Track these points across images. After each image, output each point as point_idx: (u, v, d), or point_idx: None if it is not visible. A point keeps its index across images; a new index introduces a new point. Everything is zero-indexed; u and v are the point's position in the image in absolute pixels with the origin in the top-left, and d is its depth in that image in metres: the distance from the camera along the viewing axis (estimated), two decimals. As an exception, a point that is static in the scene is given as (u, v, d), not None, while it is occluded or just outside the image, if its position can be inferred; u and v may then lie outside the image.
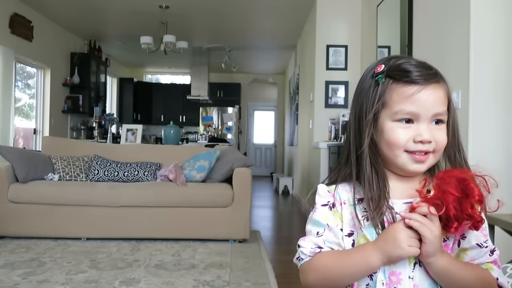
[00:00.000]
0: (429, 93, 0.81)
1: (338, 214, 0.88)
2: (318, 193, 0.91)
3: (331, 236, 0.87)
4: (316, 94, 5.17)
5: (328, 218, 0.88)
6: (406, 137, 0.81)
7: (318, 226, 0.88)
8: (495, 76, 2.30)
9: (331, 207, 0.89)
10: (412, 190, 0.84)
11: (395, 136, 0.82)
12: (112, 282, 2.55)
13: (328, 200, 0.89)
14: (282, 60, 9.60)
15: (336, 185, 0.89)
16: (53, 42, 6.99)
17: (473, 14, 2.31)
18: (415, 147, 0.81)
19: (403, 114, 0.81)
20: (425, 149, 0.81)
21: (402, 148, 0.81)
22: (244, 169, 3.80)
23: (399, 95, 0.81)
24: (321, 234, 0.87)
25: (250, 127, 11.90)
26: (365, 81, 0.87)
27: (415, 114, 0.81)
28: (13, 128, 5.76)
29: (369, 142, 0.84)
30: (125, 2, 6.00)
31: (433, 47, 2.84)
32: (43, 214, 3.59)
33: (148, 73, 11.88)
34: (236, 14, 6.41)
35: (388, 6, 3.87)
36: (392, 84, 0.82)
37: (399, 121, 0.82)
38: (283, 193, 7.79)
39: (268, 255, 3.28)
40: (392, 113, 0.82)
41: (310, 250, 0.87)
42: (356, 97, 0.89)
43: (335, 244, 0.87)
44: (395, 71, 0.83)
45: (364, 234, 0.85)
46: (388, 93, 0.82)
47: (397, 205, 0.85)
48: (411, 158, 0.82)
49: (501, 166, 2.26)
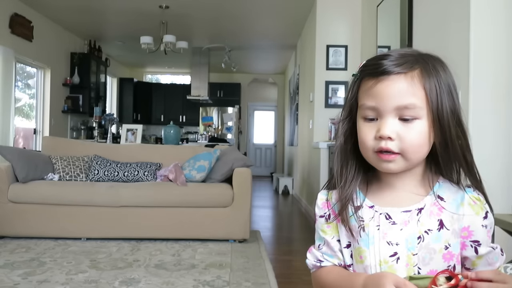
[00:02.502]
0: (387, 84, 0.75)
1: (334, 225, 0.87)
2: (316, 202, 0.90)
3: (328, 250, 0.87)
4: (316, 94, 5.17)
5: (324, 231, 0.87)
6: (370, 135, 0.78)
7: (319, 239, 0.89)
8: (495, 76, 2.29)
9: (327, 218, 0.87)
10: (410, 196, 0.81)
11: (362, 135, 0.80)
12: (112, 282, 2.55)
13: (325, 211, 0.88)
14: (282, 60, 9.60)
15: (334, 193, 0.87)
16: (53, 42, 6.99)
17: (473, 14, 2.30)
18: (377, 145, 0.77)
19: (365, 109, 0.79)
20: (387, 147, 0.76)
21: (369, 148, 0.79)
22: (244, 169, 3.80)
23: (362, 89, 0.80)
24: (321, 248, 0.88)
25: (250, 127, 11.90)
26: (351, 80, 0.87)
27: (376, 109, 0.77)
28: (13, 128, 5.76)
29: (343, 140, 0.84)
30: (125, 2, 5.99)
31: (433, 47, 2.83)
32: (43, 214, 3.59)
33: (148, 73, 11.87)
34: (236, 14, 6.41)
35: (388, 6, 3.87)
36: (362, 80, 0.81)
37: (365, 120, 0.79)
38: (283, 193, 7.78)
39: (268, 255, 3.29)
40: (360, 108, 0.81)
41: (313, 263, 0.89)
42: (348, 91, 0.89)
43: (334, 258, 0.87)
44: (365, 66, 0.81)
45: (360, 246, 0.82)
46: (359, 89, 0.81)
47: (395, 214, 0.81)
48: (377, 157, 0.78)
49: (501, 166, 2.26)
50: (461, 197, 0.82)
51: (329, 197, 0.88)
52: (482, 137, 2.28)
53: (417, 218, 0.80)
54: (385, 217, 0.81)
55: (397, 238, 0.80)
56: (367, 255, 0.81)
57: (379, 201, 0.83)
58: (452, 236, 0.80)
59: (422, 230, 0.80)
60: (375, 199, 0.84)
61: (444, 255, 0.80)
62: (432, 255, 0.79)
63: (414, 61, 0.77)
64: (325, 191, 0.90)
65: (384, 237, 0.80)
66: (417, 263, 0.79)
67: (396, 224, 0.80)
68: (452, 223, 0.80)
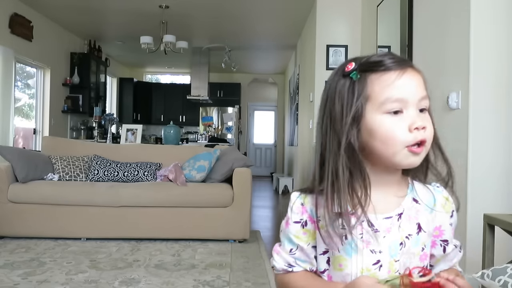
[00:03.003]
0: (410, 76, 0.76)
1: (311, 233, 0.83)
2: (290, 206, 0.86)
3: (302, 256, 0.85)
4: (316, 94, 5.17)
5: (299, 238, 0.84)
6: (402, 129, 0.75)
7: (291, 243, 0.85)
8: (495, 76, 2.29)
9: (304, 225, 0.84)
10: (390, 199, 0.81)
11: (390, 130, 0.75)
12: (112, 282, 2.55)
13: (301, 217, 0.84)
14: (282, 60, 9.60)
15: (314, 198, 0.82)
16: (53, 42, 6.99)
17: (473, 14, 2.30)
18: (413, 138, 0.75)
19: (392, 102, 0.75)
20: (423, 137, 0.75)
21: (401, 143, 0.75)
22: (244, 169, 3.80)
23: (381, 84, 0.76)
24: (293, 253, 0.85)
25: (250, 127, 11.90)
26: (335, 83, 0.80)
27: (403, 101, 0.75)
28: (13, 128, 5.76)
29: (346, 146, 0.77)
30: (125, 2, 6.00)
31: (433, 47, 2.84)
32: (43, 214, 3.59)
33: (148, 73, 11.88)
34: (236, 14, 6.41)
35: (388, 6, 3.87)
36: (371, 76, 0.77)
37: (387, 114, 0.75)
38: (283, 193, 7.78)
39: (268, 255, 3.28)
40: (379, 104, 0.76)
41: (283, 267, 0.86)
42: (324, 102, 0.82)
43: (307, 264, 0.85)
44: (368, 65, 0.78)
45: (341, 255, 0.80)
46: (369, 86, 0.77)
47: (377, 221, 0.79)
48: (409, 151, 0.75)
49: (501, 166, 2.26)
50: (433, 198, 0.84)
51: (304, 201, 0.84)
52: (482, 137, 2.28)
53: (398, 224, 0.80)
54: (367, 225, 0.79)
55: (380, 246, 0.79)
56: (348, 264, 0.79)
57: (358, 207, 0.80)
58: (427, 237, 0.82)
59: (403, 235, 0.80)
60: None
61: (420, 256, 0.82)
62: (411, 259, 0.81)
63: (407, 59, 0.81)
64: (298, 193, 0.86)
65: (367, 245, 0.79)
66: (398, 269, 0.79)
67: (379, 232, 0.79)
68: (428, 225, 0.82)
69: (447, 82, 2.50)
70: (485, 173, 2.26)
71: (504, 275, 1.39)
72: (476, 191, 2.25)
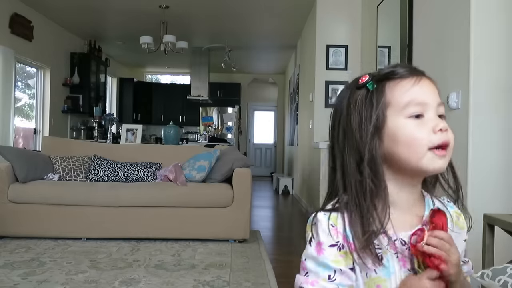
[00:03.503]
0: (427, 83, 0.78)
1: (348, 255, 0.77)
2: (321, 228, 0.78)
3: (344, 279, 0.77)
4: (316, 94, 5.17)
5: (338, 262, 0.77)
6: (425, 132, 0.75)
7: (327, 269, 0.77)
8: (495, 76, 2.29)
9: (340, 248, 0.77)
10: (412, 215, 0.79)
11: (414, 134, 0.75)
12: (112, 282, 2.55)
13: (337, 240, 0.77)
14: (282, 60, 9.60)
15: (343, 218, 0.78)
16: (53, 42, 6.99)
17: (473, 14, 2.30)
18: (438, 139, 0.74)
19: (414, 105, 0.75)
20: (448, 139, 0.75)
21: (426, 144, 0.74)
22: (244, 169, 3.80)
23: (401, 89, 0.77)
24: (333, 278, 0.76)
25: (250, 127, 11.90)
26: (348, 97, 0.80)
27: (425, 104, 0.76)
28: (13, 128, 5.76)
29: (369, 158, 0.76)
30: (125, 2, 6.00)
31: (433, 47, 2.84)
32: (43, 214, 3.59)
33: (148, 73, 11.88)
34: (236, 14, 6.41)
35: (388, 6, 3.87)
36: (389, 83, 0.78)
37: (410, 118, 0.75)
38: (283, 193, 7.79)
39: (268, 255, 3.28)
40: (400, 108, 0.76)
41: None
42: (337, 119, 0.82)
43: (348, 287, 0.77)
44: (382, 75, 0.79)
45: (378, 276, 0.76)
46: (388, 93, 0.77)
47: (407, 239, 0.77)
48: (435, 155, 0.74)
49: (501, 166, 2.26)
50: (449, 213, 0.83)
51: (335, 222, 0.78)
52: (482, 137, 2.28)
53: None
54: (401, 243, 0.77)
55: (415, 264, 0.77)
56: (388, 285, 0.76)
57: (390, 224, 0.78)
58: None
59: None
60: None
61: None
62: None
63: None
64: (324, 213, 0.80)
65: (404, 265, 0.77)
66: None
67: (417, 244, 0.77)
68: None
69: (447, 82, 2.50)
70: (485, 173, 2.26)
71: (504, 275, 1.39)
72: (476, 191, 2.25)
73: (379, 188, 0.76)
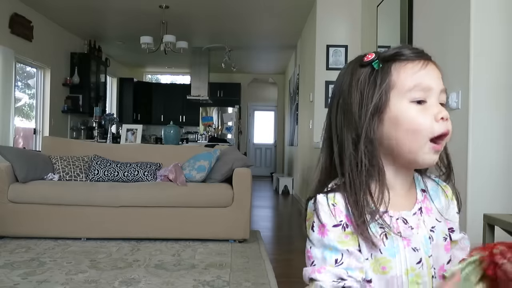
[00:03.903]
0: (433, 67, 0.76)
1: (353, 235, 0.74)
2: (322, 210, 0.75)
3: (353, 262, 0.72)
4: (316, 94, 5.17)
5: (344, 242, 0.73)
6: (428, 119, 0.73)
7: (334, 252, 0.73)
8: (495, 76, 2.29)
9: (345, 227, 0.74)
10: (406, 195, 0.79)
11: (417, 120, 0.73)
12: (112, 282, 2.55)
13: (340, 219, 0.74)
14: (282, 60, 9.60)
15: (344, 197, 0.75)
16: (53, 42, 6.99)
17: (473, 14, 2.30)
18: (440, 128, 0.72)
19: (420, 90, 0.73)
20: (448, 128, 0.73)
21: (427, 132, 0.72)
22: (244, 169, 3.79)
23: (407, 71, 0.74)
24: (340, 262, 0.72)
25: (250, 127, 11.90)
26: (350, 75, 0.78)
27: (430, 89, 0.74)
28: (13, 128, 5.76)
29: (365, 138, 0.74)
30: (125, 2, 6.00)
31: (433, 47, 2.83)
32: (43, 214, 3.59)
33: (148, 73, 11.88)
34: (236, 14, 6.41)
35: (388, 6, 3.87)
36: (395, 64, 0.75)
37: (412, 103, 0.73)
38: (283, 193, 7.78)
39: (268, 255, 3.28)
40: (405, 91, 0.74)
41: (333, 285, 0.71)
42: (337, 97, 0.79)
43: (357, 270, 0.72)
44: (389, 55, 0.76)
45: (384, 256, 0.74)
46: (393, 74, 0.74)
47: (409, 218, 0.77)
48: (431, 148, 0.73)
49: (501, 166, 2.26)
50: (437, 188, 0.85)
51: (335, 201, 0.75)
52: (482, 137, 2.28)
53: (422, 219, 0.79)
54: (403, 222, 0.76)
55: (417, 243, 0.76)
56: (393, 265, 0.74)
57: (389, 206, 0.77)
58: (444, 226, 0.82)
59: (429, 229, 0.79)
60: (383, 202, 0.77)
61: (445, 246, 0.80)
62: (440, 252, 0.79)
63: None
64: (323, 195, 0.77)
65: (408, 244, 0.75)
66: (432, 264, 0.78)
67: (414, 229, 0.77)
68: (441, 215, 0.82)
69: (447, 82, 2.49)
70: (485, 173, 2.26)
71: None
72: (476, 191, 2.25)
73: (375, 169, 0.74)
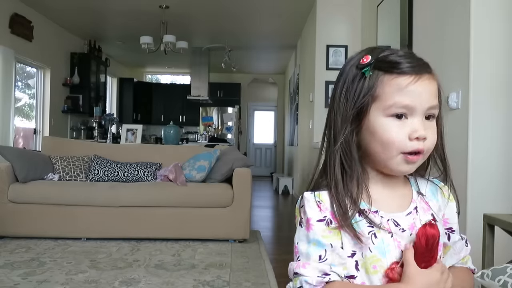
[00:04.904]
0: (425, 84, 0.75)
1: (336, 232, 0.76)
2: (308, 205, 0.78)
3: (336, 258, 0.75)
4: (316, 94, 5.17)
5: (328, 237, 0.76)
6: (402, 135, 0.74)
7: (318, 247, 0.75)
8: (495, 76, 2.29)
9: (328, 222, 0.76)
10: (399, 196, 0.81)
11: (390, 135, 0.74)
12: (112, 282, 2.55)
13: (324, 215, 0.76)
14: (282, 60, 9.60)
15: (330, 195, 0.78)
16: (53, 42, 6.99)
17: (473, 14, 2.30)
18: (411, 146, 0.74)
19: (398, 107, 0.73)
20: (421, 148, 0.74)
21: (397, 149, 0.74)
22: (244, 169, 3.79)
23: (393, 86, 0.74)
24: (324, 258, 0.75)
25: (250, 127, 11.90)
26: (348, 71, 0.79)
27: (411, 108, 0.73)
28: (13, 128, 5.76)
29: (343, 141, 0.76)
30: (125, 2, 6.00)
31: (433, 47, 2.84)
32: (43, 214, 3.59)
33: (148, 73, 11.88)
34: (236, 14, 6.41)
35: (388, 6, 3.87)
36: (383, 76, 0.75)
37: (391, 117, 0.74)
38: (283, 193, 7.78)
39: (268, 255, 3.28)
40: (385, 107, 0.74)
41: (318, 280, 0.74)
42: (338, 92, 0.80)
43: (340, 266, 0.75)
44: (384, 63, 0.75)
45: (374, 255, 0.75)
46: (379, 86, 0.75)
47: (401, 219, 0.78)
48: (404, 159, 0.75)
49: (501, 166, 2.26)
50: (434, 189, 0.85)
51: (321, 199, 0.78)
52: (482, 137, 2.28)
53: (418, 218, 0.80)
54: (393, 224, 0.77)
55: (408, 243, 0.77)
56: (384, 264, 0.75)
57: (379, 205, 0.78)
58: (441, 227, 0.82)
59: None
60: (374, 203, 0.78)
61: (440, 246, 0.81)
62: None
63: (427, 63, 0.79)
64: (310, 192, 0.80)
65: (398, 245, 0.76)
66: None
67: (406, 231, 0.77)
68: (438, 215, 0.83)
69: (447, 82, 2.50)
70: (485, 173, 2.26)
71: (504, 275, 1.39)
72: (476, 191, 2.25)
73: (354, 172, 0.77)
